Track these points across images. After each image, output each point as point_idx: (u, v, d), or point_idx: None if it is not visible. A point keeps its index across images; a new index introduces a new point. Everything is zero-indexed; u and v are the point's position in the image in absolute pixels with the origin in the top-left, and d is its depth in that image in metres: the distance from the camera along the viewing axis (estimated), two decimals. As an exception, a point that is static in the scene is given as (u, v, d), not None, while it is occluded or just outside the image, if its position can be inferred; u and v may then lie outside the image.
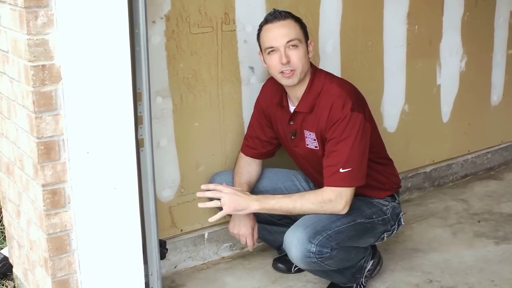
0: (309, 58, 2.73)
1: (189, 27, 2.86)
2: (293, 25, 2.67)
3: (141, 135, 2.43)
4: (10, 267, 2.98)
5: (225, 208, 2.67)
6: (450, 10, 3.83)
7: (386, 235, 2.86)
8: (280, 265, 3.08)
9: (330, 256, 2.57)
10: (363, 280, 2.86)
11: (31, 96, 2.15)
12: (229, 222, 2.92)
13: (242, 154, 2.99)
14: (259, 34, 2.73)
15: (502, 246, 3.31)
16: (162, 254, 2.67)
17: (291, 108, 2.81)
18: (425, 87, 3.86)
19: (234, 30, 2.99)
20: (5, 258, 3.04)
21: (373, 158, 2.77)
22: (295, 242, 2.55)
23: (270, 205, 2.66)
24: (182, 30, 2.84)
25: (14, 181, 2.58)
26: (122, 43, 2.23)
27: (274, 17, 2.67)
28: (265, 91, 2.95)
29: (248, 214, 2.78)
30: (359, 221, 2.70)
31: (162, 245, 2.68)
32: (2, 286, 2.95)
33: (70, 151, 2.23)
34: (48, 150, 2.21)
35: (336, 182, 2.61)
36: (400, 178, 3.02)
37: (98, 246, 2.36)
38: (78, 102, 2.20)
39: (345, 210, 2.63)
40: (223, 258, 3.22)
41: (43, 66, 2.13)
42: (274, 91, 2.87)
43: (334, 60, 3.37)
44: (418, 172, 3.98)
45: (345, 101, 2.63)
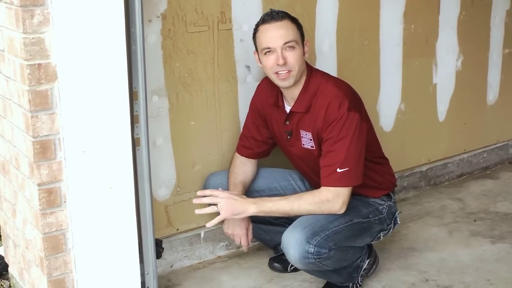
0: (305, 58, 2.72)
1: (185, 26, 2.85)
2: (290, 26, 2.66)
3: (137, 134, 2.43)
4: (5, 267, 2.97)
5: (222, 213, 2.67)
6: (446, 9, 3.83)
7: (382, 234, 2.86)
8: (276, 264, 3.07)
9: (328, 256, 2.57)
10: (359, 279, 2.86)
11: (27, 95, 2.14)
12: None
13: (237, 154, 2.99)
14: (255, 34, 2.72)
15: (498, 245, 3.31)
16: (158, 253, 2.67)
17: (287, 108, 2.81)
18: (421, 86, 3.87)
19: (231, 29, 2.99)
20: (0, 258, 3.04)
21: (369, 157, 2.77)
22: (293, 243, 2.55)
23: (267, 207, 2.65)
24: (178, 29, 2.84)
25: (9, 180, 2.58)
26: (118, 42, 2.23)
27: (271, 17, 2.66)
28: (260, 91, 2.95)
29: None
30: (356, 221, 2.70)
31: (158, 244, 2.68)
32: (-2, 285, 2.95)
33: (66, 150, 2.22)
34: (44, 149, 2.20)
35: (333, 182, 2.61)
36: (396, 177, 3.02)
37: (94, 245, 2.35)
38: (74, 101, 2.19)
39: (342, 210, 2.63)
40: (219, 257, 3.21)
41: (39, 65, 2.13)
42: (269, 91, 2.87)
43: (331, 59, 3.37)
44: (414, 171, 3.98)
45: (341, 101, 2.63)
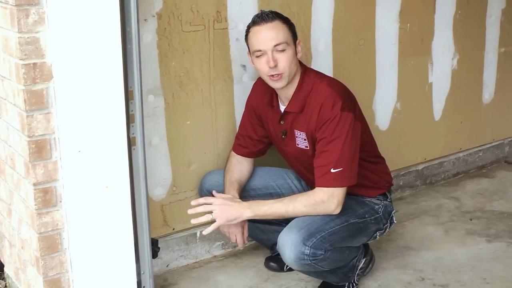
0: (297, 58, 2.71)
1: (181, 25, 2.85)
2: (280, 27, 2.64)
3: (133, 134, 2.43)
4: (1, 266, 2.97)
5: (218, 220, 2.65)
6: (442, 8, 3.84)
7: (378, 234, 2.86)
8: (272, 263, 3.07)
9: (324, 257, 2.57)
10: (355, 278, 2.86)
11: (22, 94, 2.14)
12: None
13: (234, 153, 2.98)
14: (247, 35, 2.70)
15: (494, 244, 3.31)
16: (154, 252, 2.67)
17: (281, 107, 2.80)
18: (417, 85, 3.87)
19: (226, 28, 2.99)
20: (-4, 257, 3.04)
21: (365, 156, 2.76)
22: (289, 244, 2.54)
23: (262, 211, 2.64)
24: (174, 28, 2.83)
25: (5, 179, 2.57)
26: (113, 41, 2.23)
27: (261, 19, 2.64)
28: (255, 90, 2.94)
29: None
30: (352, 221, 2.70)
31: (154, 243, 2.68)
32: (-7, 285, 2.94)
33: (61, 150, 2.22)
34: (39, 149, 2.20)
35: (327, 182, 2.60)
36: (392, 176, 3.02)
37: (90, 245, 2.35)
38: (69, 100, 2.19)
39: (337, 210, 2.62)
40: (215, 256, 3.21)
41: (34, 64, 2.12)
42: (264, 91, 2.86)
43: (326, 58, 3.37)
44: (410, 170, 3.98)
45: (335, 100, 2.62)
